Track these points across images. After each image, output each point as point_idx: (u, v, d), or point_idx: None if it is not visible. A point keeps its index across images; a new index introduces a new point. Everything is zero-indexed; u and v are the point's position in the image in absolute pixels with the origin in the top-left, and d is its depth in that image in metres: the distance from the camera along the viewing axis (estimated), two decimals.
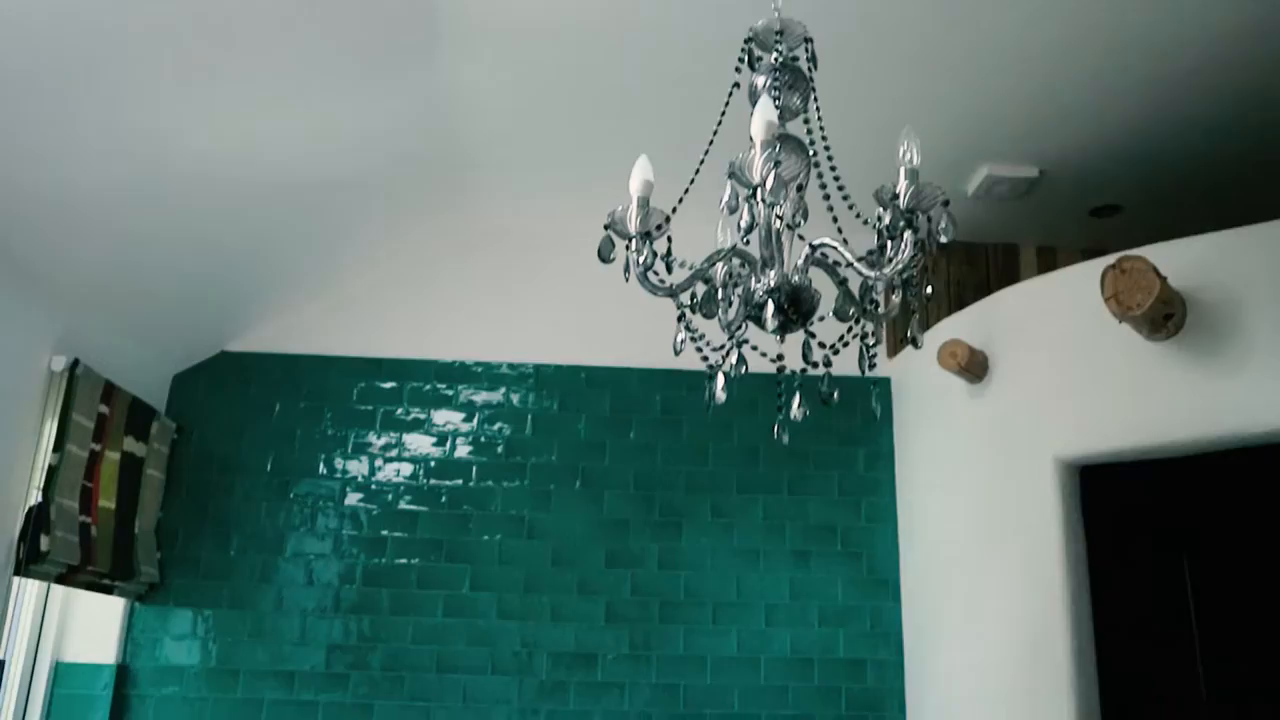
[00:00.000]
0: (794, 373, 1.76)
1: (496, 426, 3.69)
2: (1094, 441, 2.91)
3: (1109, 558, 2.95)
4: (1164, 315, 2.64)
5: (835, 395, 1.70)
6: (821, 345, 1.72)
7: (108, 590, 3.25)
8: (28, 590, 3.24)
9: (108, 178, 2.67)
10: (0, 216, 2.59)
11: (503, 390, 3.72)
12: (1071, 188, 3.59)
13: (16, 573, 2.80)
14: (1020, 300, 3.21)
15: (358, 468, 3.63)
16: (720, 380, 1.73)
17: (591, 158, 3.42)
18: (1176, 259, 2.67)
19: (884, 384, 3.79)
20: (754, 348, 1.84)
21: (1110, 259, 2.65)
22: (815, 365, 1.80)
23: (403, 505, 3.59)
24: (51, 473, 2.89)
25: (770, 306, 1.66)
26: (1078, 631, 2.88)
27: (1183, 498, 2.87)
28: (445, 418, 3.70)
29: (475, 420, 3.69)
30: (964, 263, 3.92)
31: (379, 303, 3.82)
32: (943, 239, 1.62)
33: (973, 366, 3.20)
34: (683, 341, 1.81)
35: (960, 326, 3.34)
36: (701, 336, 1.78)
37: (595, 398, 3.73)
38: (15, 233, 2.67)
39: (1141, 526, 2.94)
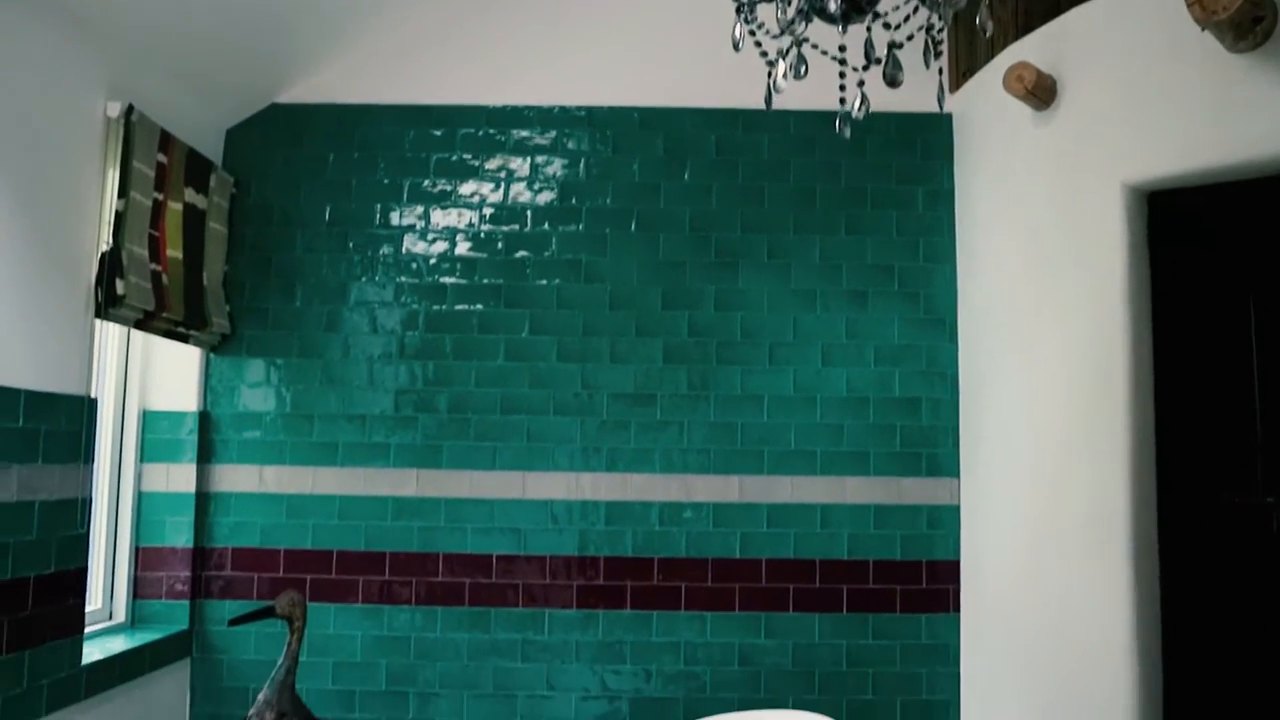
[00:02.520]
0: (856, 68, 1.69)
1: (550, 171, 3.66)
2: (1165, 163, 2.80)
3: (1173, 293, 2.90)
4: (1252, 19, 2.48)
5: (900, 78, 1.63)
6: (886, 26, 1.65)
7: (183, 339, 3.37)
8: (110, 338, 3.37)
9: None
10: None
11: (555, 134, 3.67)
12: None
13: (97, 315, 2.91)
14: (1094, 15, 3.02)
15: (414, 216, 3.64)
16: (781, 69, 1.67)
17: None
18: None
19: (945, 118, 3.67)
20: (814, 46, 1.77)
21: None
22: (879, 61, 1.74)
23: (460, 252, 3.62)
24: (119, 219, 2.94)
25: None
26: (1137, 366, 2.87)
27: (1254, 228, 2.78)
28: (499, 163, 3.67)
29: (528, 165, 3.66)
30: None
31: (426, 48, 3.71)
32: None
33: (1040, 91, 3.06)
34: (741, 36, 1.74)
35: (1028, 50, 3.18)
36: (761, 26, 1.71)
37: (649, 139, 3.66)
38: None
39: (1208, 261, 2.87)
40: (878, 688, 3.48)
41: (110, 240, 2.92)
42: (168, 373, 3.53)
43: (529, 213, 3.64)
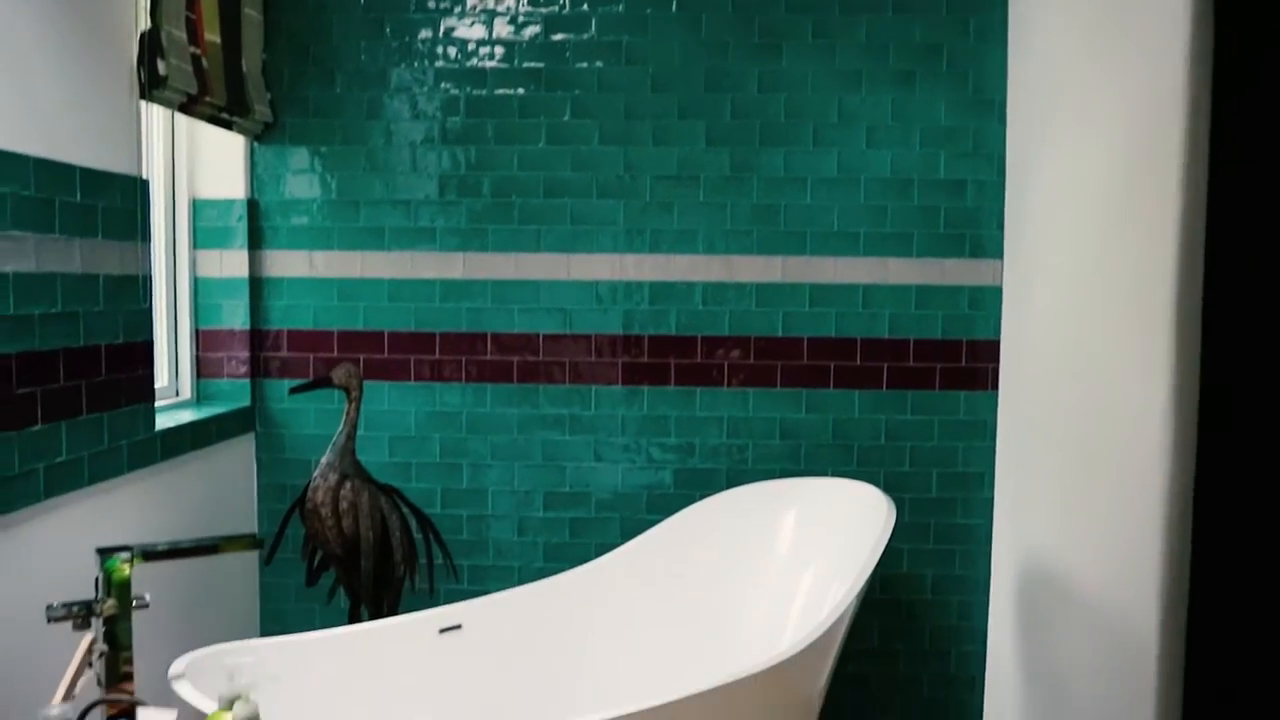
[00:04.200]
0: None
1: None
2: None
3: (1237, 69, 2.80)
4: None
5: None
6: None
7: (227, 125, 3.39)
8: (155, 125, 3.40)
9: None
10: None
11: None
12: None
13: (141, 97, 2.93)
14: None
15: None
16: None
17: None
18: None
19: None
20: None
21: None
22: None
23: (498, 35, 3.56)
24: (154, 0, 2.92)
25: None
26: (1193, 144, 2.77)
27: None
28: None
29: None
30: None
31: None
32: None
33: None
34: None
35: None
36: None
37: None
38: None
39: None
40: (914, 460, 3.60)
41: (149, 21, 2.91)
42: (214, 161, 3.57)
43: None
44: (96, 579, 1.95)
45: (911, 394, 3.58)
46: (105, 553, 1.92)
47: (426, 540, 3.21)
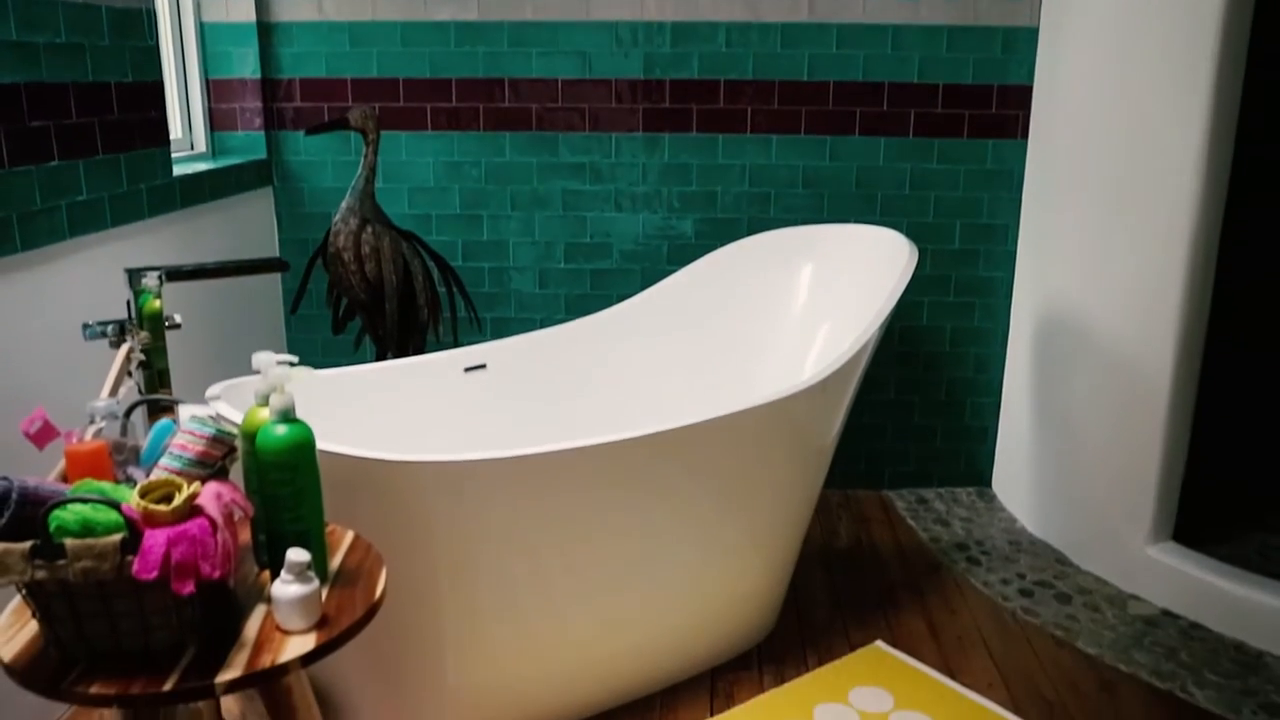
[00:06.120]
0: None
1: None
2: None
3: None
4: None
5: None
6: None
7: None
8: None
9: None
10: None
11: None
12: None
13: None
14: None
15: None
16: None
17: None
18: None
19: None
20: None
21: None
22: None
23: None
24: None
25: None
26: None
27: None
28: None
29: None
30: None
31: None
32: None
33: None
34: None
35: None
36: None
37: None
38: None
39: None
40: (939, 211, 3.55)
41: None
42: None
43: None
44: (128, 301, 1.98)
45: (938, 142, 3.49)
46: (134, 273, 1.94)
47: (449, 290, 3.23)
